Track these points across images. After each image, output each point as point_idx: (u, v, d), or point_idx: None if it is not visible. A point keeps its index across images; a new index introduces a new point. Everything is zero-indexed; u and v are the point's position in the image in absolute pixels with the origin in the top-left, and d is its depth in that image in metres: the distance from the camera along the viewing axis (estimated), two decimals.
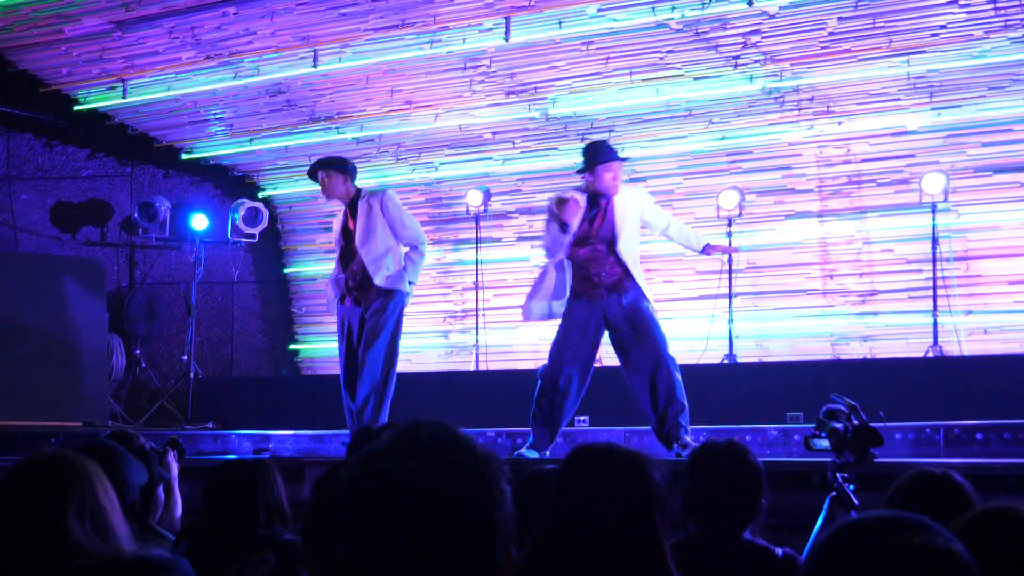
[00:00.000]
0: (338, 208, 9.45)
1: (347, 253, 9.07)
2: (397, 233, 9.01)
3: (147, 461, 4.31)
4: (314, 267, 14.33)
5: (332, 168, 9.12)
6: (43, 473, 2.87)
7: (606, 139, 9.02)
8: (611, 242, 8.24)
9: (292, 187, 14.17)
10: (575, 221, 8.20)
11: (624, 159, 8.72)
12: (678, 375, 8.20)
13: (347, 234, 9.09)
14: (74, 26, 11.76)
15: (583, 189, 8.33)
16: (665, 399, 8.12)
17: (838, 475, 5.49)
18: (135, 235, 14.15)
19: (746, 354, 11.64)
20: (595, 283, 8.26)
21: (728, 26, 10.64)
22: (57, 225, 14.17)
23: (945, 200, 10.98)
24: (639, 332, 8.21)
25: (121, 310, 13.62)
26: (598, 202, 8.28)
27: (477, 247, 12.90)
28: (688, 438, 7.98)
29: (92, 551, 2.70)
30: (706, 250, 8.79)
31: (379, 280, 8.86)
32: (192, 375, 12.87)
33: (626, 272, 8.25)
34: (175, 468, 5.51)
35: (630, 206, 8.36)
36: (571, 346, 8.30)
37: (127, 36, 11.82)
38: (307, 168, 9.57)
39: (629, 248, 8.28)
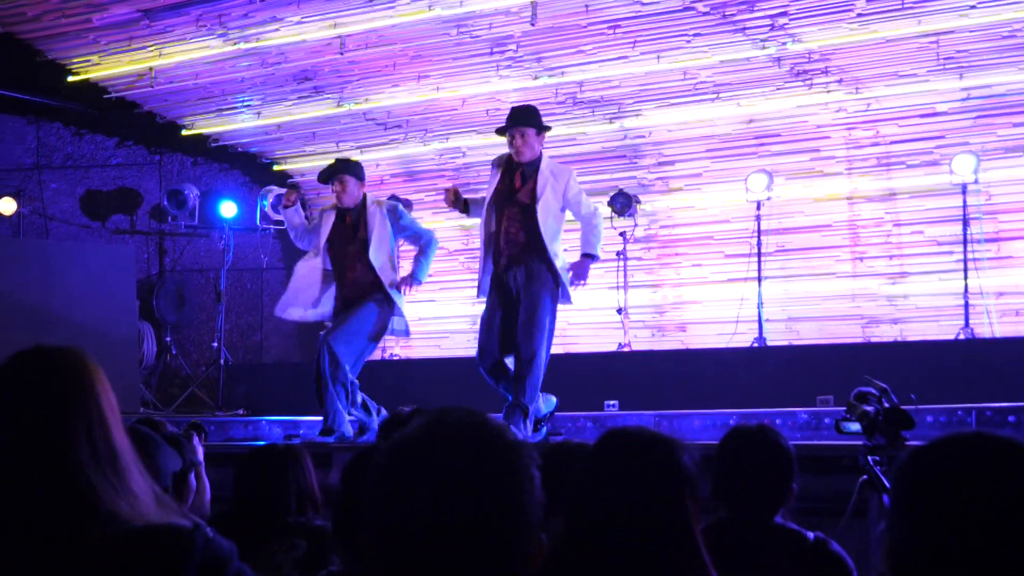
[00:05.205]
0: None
1: (345, 257, 9.02)
2: (415, 239, 9.08)
3: (179, 448, 4.32)
4: None
5: (349, 173, 8.99)
6: (47, 371, 2.32)
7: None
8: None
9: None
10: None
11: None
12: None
13: (345, 239, 9.00)
14: (102, 15, 11.79)
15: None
16: None
17: (869, 458, 5.47)
18: (164, 223, 14.21)
19: (776, 337, 11.61)
20: None
21: (755, 8, 10.59)
22: (87, 213, 14.24)
23: (975, 181, 10.93)
24: None
25: (151, 297, 13.68)
26: None
27: None
28: None
29: (103, 494, 2.22)
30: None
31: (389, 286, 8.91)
32: (222, 362, 12.91)
33: None
34: (200, 452, 5.52)
35: None
36: None
37: (155, 24, 11.84)
38: (324, 170, 9.31)
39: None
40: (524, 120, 8.22)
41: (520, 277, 8.17)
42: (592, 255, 8.29)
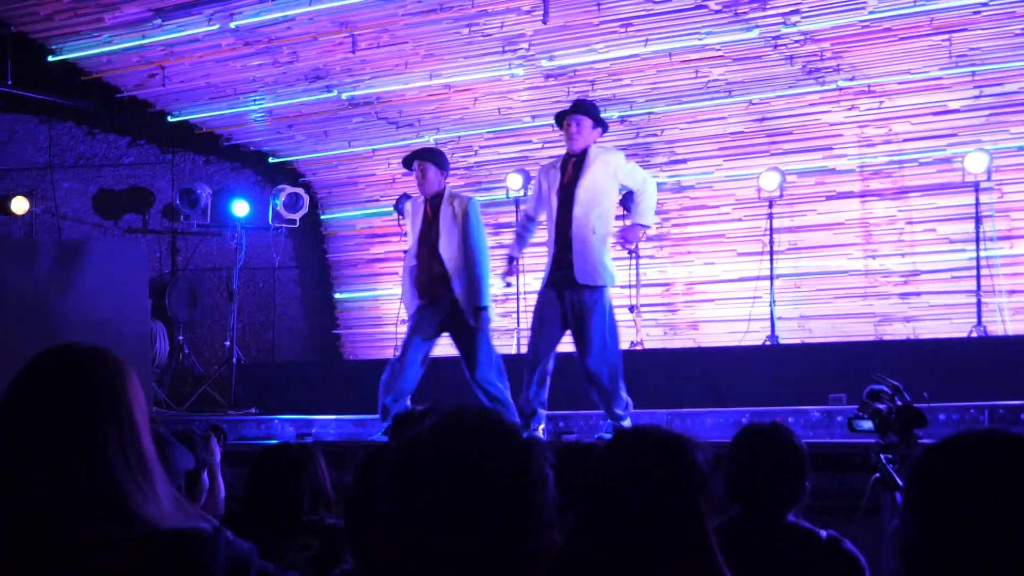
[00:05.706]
0: (375, 194, 9.40)
1: (426, 250, 8.89)
2: (465, 244, 8.80)
3: (192, 446, 4.32)
4: (354, 253, 14.40)
5: (430, 161, 8.90)
6: (79, 370, 2.29)
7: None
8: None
9: (332, 172, 14.23)
10: None
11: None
12: None
13: (428, 230, 8.88)
14: (114, 14, 11.81)
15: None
16: None
17: (882, 456, 5.46)
18: (176, 222, 14.23)
19: (788, 335, 11.59)
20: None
21: (767, 6, 10.58)
22: (99, 212, 14.26)
23: (988, 179, 10.90)
24: None
25: (163, 296, 13.70)
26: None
27: None
28: None
29: (133, 496, 2.21)
30: None
31: (459, 293, 8.75)
32: (235, 361, 12.93)
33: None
34: (218, 453, 5.53)
35: None
36: None
37: (167, 23, 11.86)
38: (401, 158, 9.40)
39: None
40: (581, 109, 8.38)
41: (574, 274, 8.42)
42: (639, 224, 8.61)
